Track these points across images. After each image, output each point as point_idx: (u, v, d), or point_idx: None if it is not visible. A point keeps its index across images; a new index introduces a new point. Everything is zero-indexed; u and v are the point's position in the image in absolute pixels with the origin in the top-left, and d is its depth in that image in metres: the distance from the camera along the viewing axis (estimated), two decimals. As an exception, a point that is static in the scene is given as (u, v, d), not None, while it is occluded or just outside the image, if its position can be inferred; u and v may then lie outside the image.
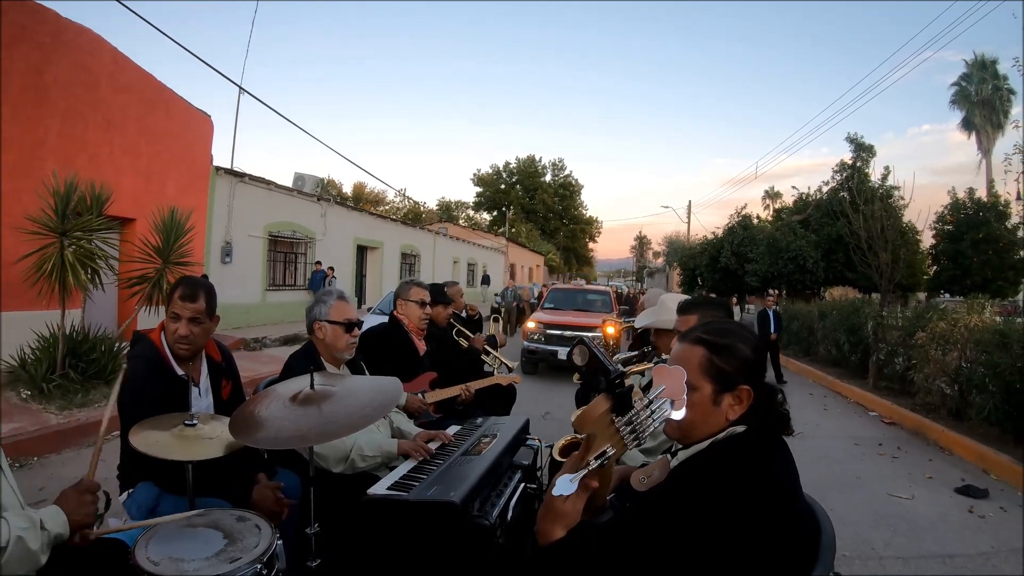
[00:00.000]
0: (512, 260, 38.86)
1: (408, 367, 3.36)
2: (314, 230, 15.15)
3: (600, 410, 1.26)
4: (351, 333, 2.62)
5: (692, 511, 1.18)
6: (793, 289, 17.65)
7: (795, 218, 18.42)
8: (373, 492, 2.06)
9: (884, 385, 8.83)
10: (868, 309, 9.60)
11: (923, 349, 7.13)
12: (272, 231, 13.64)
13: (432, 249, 25.14)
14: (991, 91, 27.86)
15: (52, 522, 1.41)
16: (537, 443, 2.96)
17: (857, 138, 17.12)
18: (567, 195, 57.89)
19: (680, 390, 1.27)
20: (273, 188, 13.34)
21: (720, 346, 1.37)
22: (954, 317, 7.02)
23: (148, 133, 9.55)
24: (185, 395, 2.14)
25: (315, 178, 16.32)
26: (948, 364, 6.78)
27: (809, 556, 1.33)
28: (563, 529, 1.26)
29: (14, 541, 1.28)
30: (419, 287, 3.71)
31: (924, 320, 7.65)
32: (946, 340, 6.86)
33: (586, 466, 1.23)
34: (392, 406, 2.30)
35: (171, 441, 1.84)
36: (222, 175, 11.50)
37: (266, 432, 1.74)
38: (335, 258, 16.06)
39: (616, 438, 1.24)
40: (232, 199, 11.81)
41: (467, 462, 2.35)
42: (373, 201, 46.21)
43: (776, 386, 1.46)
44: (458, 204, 57.41)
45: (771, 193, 43.99)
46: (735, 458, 1.28)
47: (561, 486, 1.23)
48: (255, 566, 1.49)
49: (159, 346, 2.20)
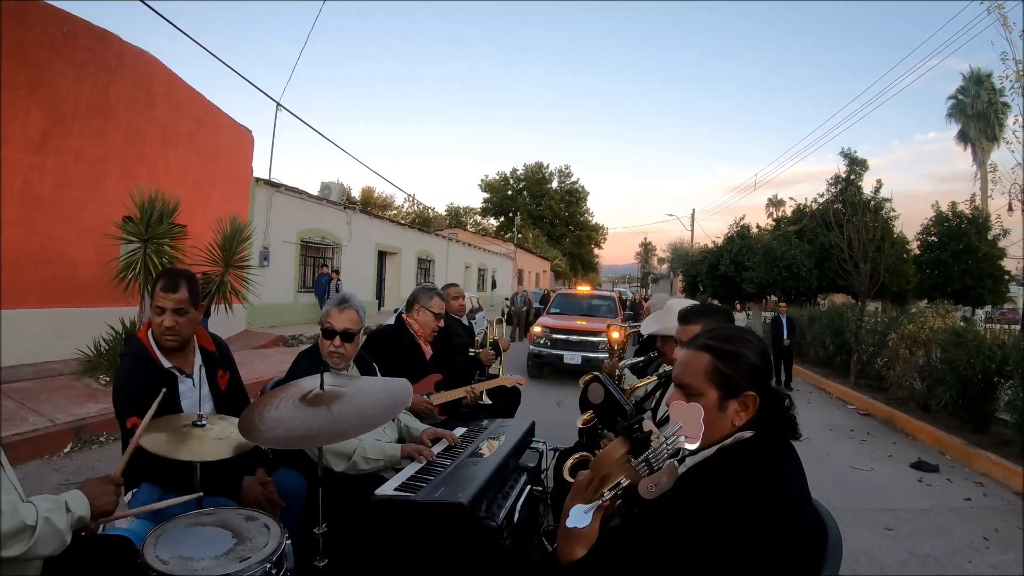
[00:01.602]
0: (520, 265, 39.93)
1: (414, 369, 3.30)
2: (340, 236, 16.16)
3: (618, 454, 1.27)
4: (331, 340, 2.56)
5: (699, 518, 1.19)
6: (787, 295, 18.59)
7: (791, 228, 19.36)
8: (381, 493, 2.07)
9: (864, 383, 9.71)
10: (850, 314, 10.50)
11: (894, 349, 8.01)
12: (304, 237, 14.63)
13: (445, 255, 26.24)
14: (986, 104, 28.62)
15: (76, 504, 1.45)
16: (542, 446, 3.01)
17: (850, 153, 18.11)
18: (573, 201, 58.66)
19: (698, 428, 1.26)
20: (305, 197, 14.38)
21: (726, 352, 1.37)
22: (920, 320, 7.89)
23: (198, 147, 10.50)
24: (173, 387, 2.16)
25: (340, 187, 17.33)
26: (915, 362, 7.65)
27: (815, 561, 1.34)
28: (584, 548, 1.27)
29: (42, 521, 1.33)
30: (440, 298, 3.62)
31: (897, 324, 8.53)
32: (914, 341, 7.73)
33: (600, 497, 1.25)
34: (402, 408, 2.24)
35: (180, 441, 1.86)
36: (261, 185, 12.48)
37: (276, 432, 1.75)
38: (358, 262, 17.12)
39: (631, 472, 1.24)
40: (270, 207, 12.76)
41: (473, 464, 2.37)
42: (381, 205, 47.10)
43: (783, 391, 1.45)
44: (467, 210, 58.33)
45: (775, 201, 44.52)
46: (741, 464, 1.28)
47: (575, 518, 1.24)
48: (264, 565, 1.49)
49: (145, 342, 2.19)
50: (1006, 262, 15.90)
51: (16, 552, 1.29)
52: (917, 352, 7.63)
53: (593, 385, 1.48)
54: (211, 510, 1.76)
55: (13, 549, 1.28)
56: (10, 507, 1.30)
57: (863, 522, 4.41)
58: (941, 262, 16.89)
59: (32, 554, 1.32)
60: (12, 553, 1.28)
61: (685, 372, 1.40)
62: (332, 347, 2.56)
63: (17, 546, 1.29)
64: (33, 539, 1.31)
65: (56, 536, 1.36)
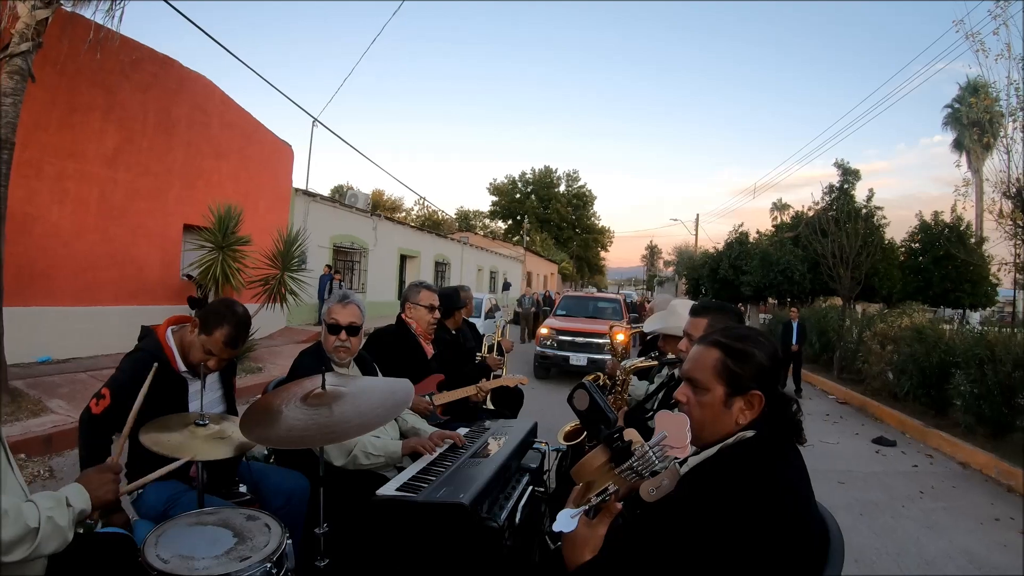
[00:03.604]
0: (529, 268, 41.21)
1: (416, 369, 3.27)
2: (367, 241, 17.52)
3: (598, 462, 1.28)
4: (336, 336, 2.59)
5: (700, 519, 1.19)
6: (782, 298, 19.79)
7: (787, 235, 20.50)
8: (382, 493, 2.06)
9: (846, 376, 10.77)
10: (833, 315, 11.55)
11: (868, 345, 9.05)
12: (336, 242, 15.93)
13: (460, 258, 27.74)
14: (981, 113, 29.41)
15: (76, 498, 1.45)
16: (544, 447, 3.02)
17: (843, 163, 19.26)
18: (580, 205, 59.57)
19: (683, 438, 1.28)
20: (338, 206, 15.70)
21: (736, 350, 1.38)
22: (891, 320, 8.94)
23: (246, 161, 11.64)
24: (183, 391, 2.22)
25: (366, 195, 18.53)
26: (886, 356, 8.69)
27: (817, 563, 1.34)
28: (591, 553, 1.28)
29: (45, 521, 1.32)
30: (428, 291, 3.53)
31: (871, 323, 9.59)
32: (885, 337, 8.78)
33: (587, 503, 1.26)
34: (403, 408, 2.26)
35: (182, 440, 1.87)
36: (299, 195, 13.64)
37: (277, 431, 1.77)
38: (383, 266, 18.52)
39: (619, 479, 1.26)
40: (307, 215, 13.95)
41: (476, 464, 2.36)
42: (390, 208, 48.13)
43: (791, 396, 1.45)
44: (476, 214, 59.27)
45: (779, 205, 45.12)
46: (742, 464, 1.28)
47: (562, 522, 1.26)
48: (265, 565, 1.49)
49: (164, 342, 2.23)
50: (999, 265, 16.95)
51: (20, 556, 1.28)
52: (888, 347, 8.67)
53: (578, 392, 1.49)
54: (212, 509, 1.77)
55: (17, 553, 1.28)
56: (15, 512, 1.28)
57: (821, 478, 5.41)
58: (922, 267, 18.15)
59: (36, 555, 1.32)
60: (16, 557, 1.28)
61: (695, 366, 1.42)
62: (338, 341, 2.60)
63: (21, 549, 1.28)
64: (37, 540, 1.30)
65: (59, 534, 1.36)
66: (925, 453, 6.69)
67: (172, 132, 9.96)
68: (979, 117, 29.42)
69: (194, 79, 10.52)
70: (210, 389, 2.33)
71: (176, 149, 10.05)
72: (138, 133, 9.29)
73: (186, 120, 10.26)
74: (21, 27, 5.85)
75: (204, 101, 10.69)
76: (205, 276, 7.61)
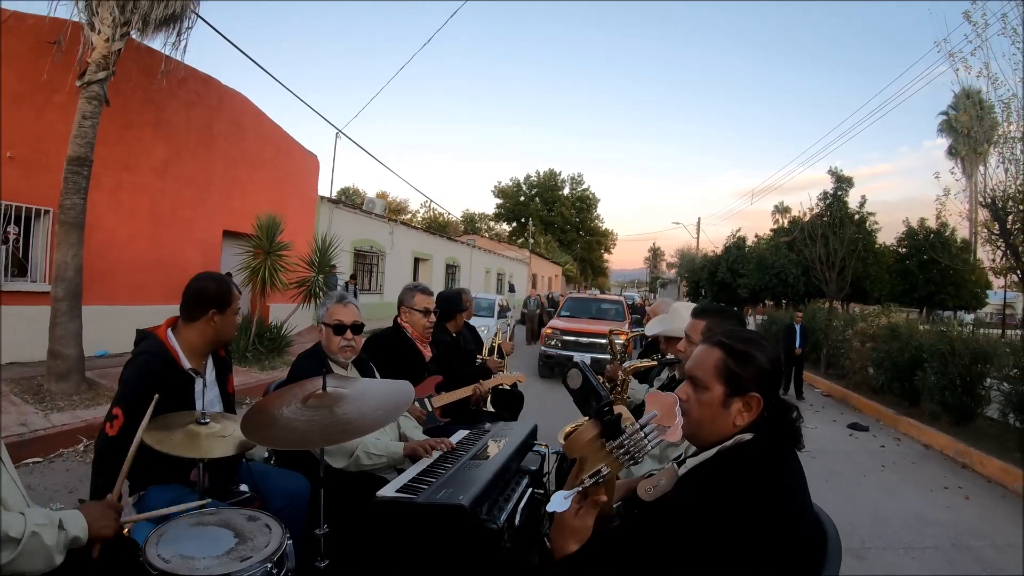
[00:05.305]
0: (534, 270, 42.19)
1: (413, 372, 3.24)
2: (384, 244, 18.63)
3: (589, 435, 1.29)
4: (342, 335, 2.63)
5: (696, 520, 1.21)
6: (777, 301, 20.78)
7: (783, 239, 21.44)
8: (382, 494, 2.07)
9: (832, 372, 11.64)
10: (820, 315, 12.44)
11: (850, 342, 9.93)
12: (356, 246, 16.97)
13: (469, 261, 28.88)
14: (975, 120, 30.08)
15: (72, 524, 1.42)
16: (544, 449, 3.02)
17: (837, 171, 20.12)
18: (584, 208, 60.37)
19: (672, 416, 1.32)
20: (359, 212, 16.74)
21: (737, 351, 1.39)
22: (871, 319, 9.81)
23: (278, 171, 12.57)
24: (190, 388, 2.21)
25: (382, 201, 19.55)
26: (866, 352, 9.55)
27: (814, 565, 1.35)
28: (576, 544, 1.30)
29: (29, 535, 1.28)
30: (423, 294, 3.48)
31: (853, 322, 10.46)
32: (864, 335, 9.64)
33: (580, 484, 1.27)
34: (404, 409, 2.27)
35: (184, 439, 1.87)
36: (324, 203, 14.63)
37: (278, 432, 1.78)
38: (398, 268, 19.61)
39: (610, 459, 1.27)
40: (331, 221, 14.89)
41: (475, 466, 2.37)
42: (396, 210, 48.95)
43: (792, 402, 1.45)
44: (481, 216, 60.11)
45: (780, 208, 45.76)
46: (739, 467, 1.29)
47: (555, 502, 1.29)
48: (265, 565, 1.49)
49: (166, 343, 2.24)
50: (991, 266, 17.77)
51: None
52: (867, 344, 9.53)
53: (572, 371, 1.46)
54: (213, 510, 1.77)
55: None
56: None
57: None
58: (908, 271, 19.21)
59: (15, 568, 1.27)
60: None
61: (696, 365, 1.43)
62: (344, 341, 2.64)
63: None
64: (15, 552, 1.25)
65: (42, 552, 1.32)
66: (894, 437, 7.54)
67: (212, 145, 10.80)
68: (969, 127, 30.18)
69: (231, 96, 11.39)
70: (208, 388, 2.35)
71: (216, 161, 10.90)
72: (183, 147, 10.09)
73: (225, 134, 11.13)
74: (97, 57, 6.73)
75: (240, 116, 11.58)
76: (252, 278, 8.44)
